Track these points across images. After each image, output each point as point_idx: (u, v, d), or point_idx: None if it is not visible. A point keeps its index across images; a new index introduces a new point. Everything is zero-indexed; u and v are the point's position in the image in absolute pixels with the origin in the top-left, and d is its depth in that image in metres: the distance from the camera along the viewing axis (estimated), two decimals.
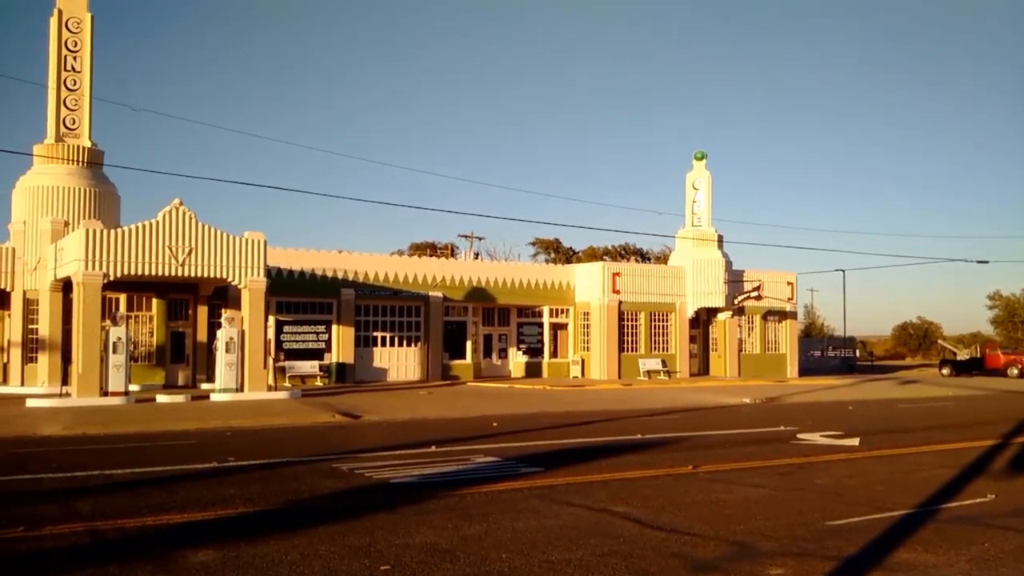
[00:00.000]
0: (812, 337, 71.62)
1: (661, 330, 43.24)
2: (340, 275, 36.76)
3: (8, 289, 30.22)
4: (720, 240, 44.72)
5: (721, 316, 45.04)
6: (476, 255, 63.38)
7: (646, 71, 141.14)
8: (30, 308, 30.04)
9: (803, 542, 8.56)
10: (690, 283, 43.61)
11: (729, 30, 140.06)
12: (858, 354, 63.48)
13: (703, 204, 45.00)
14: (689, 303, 43.66)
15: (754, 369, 45.44)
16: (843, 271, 61.83)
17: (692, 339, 44.97)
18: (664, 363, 42.44)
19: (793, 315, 48.65)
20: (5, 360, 31.46)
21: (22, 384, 29.55)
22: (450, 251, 70.53)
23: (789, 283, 47.29)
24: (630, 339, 42.26)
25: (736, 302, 44.35)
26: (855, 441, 17.39)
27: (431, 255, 65.88)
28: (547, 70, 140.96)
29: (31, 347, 30.02)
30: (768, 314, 46.80)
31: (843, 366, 56.91)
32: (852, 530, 9.11)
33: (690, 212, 45.29)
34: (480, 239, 65.91)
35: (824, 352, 58.69)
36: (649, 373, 41.62)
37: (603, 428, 20.07)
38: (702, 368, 45.60)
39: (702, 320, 45.49)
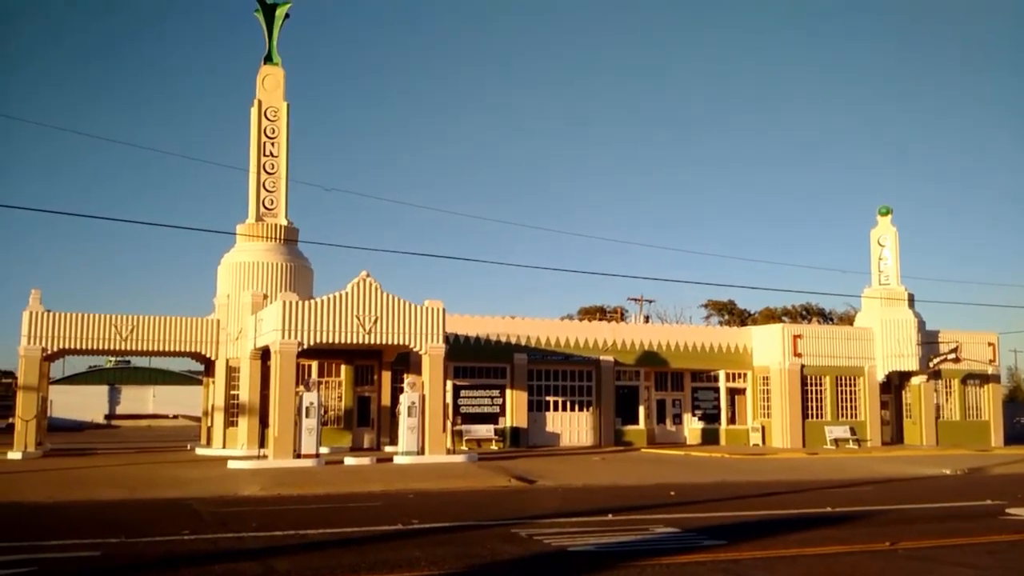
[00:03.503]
0: (1018, 402, 65.79)
1: (849, 395, 41.04)
2: (513, 340, 37.43)
3: (213, 358, 32.76)
4: (911, 299, 42.28)
5: (915, 380, 42.29)
6: (647, 318, 62.88)
7: (822, 122, 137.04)
8: (232, 375, 32.35)
9: None
10: (879, 345, 41.32)
11: (910, 77, 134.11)
12: None
13: (890, 261, 42.85)
14: (879, 366, 41.31)
15: (953, 437, 42.13)
16: None
17: (883, 405, 42.41)
18: (853, 431, 40.14)
19: (996, 378, 44.96)
20: (209, 424, 33.97)
21: (223, 446, 31.67)
22: (620, 315, 70.32)
23: (990, 344, 43.88)
24: (814, 405, 40.35)
25: (931, 365, 41.56)
26: None
27: (600, 319, 65.94)
28: (717, 127, 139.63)
29: (232, 411, 32.21)
30: (968, 377, 43.51)
31: None
32: None
33: (876, 270, 43.20)
34: (650, 302, 65.38)
35: None
36: (837, 441, 39.45)
37: (788, 500, 19.17)
38: (895, 436, 42.79)
39: (894, 385, 42.87)
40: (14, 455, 29.05)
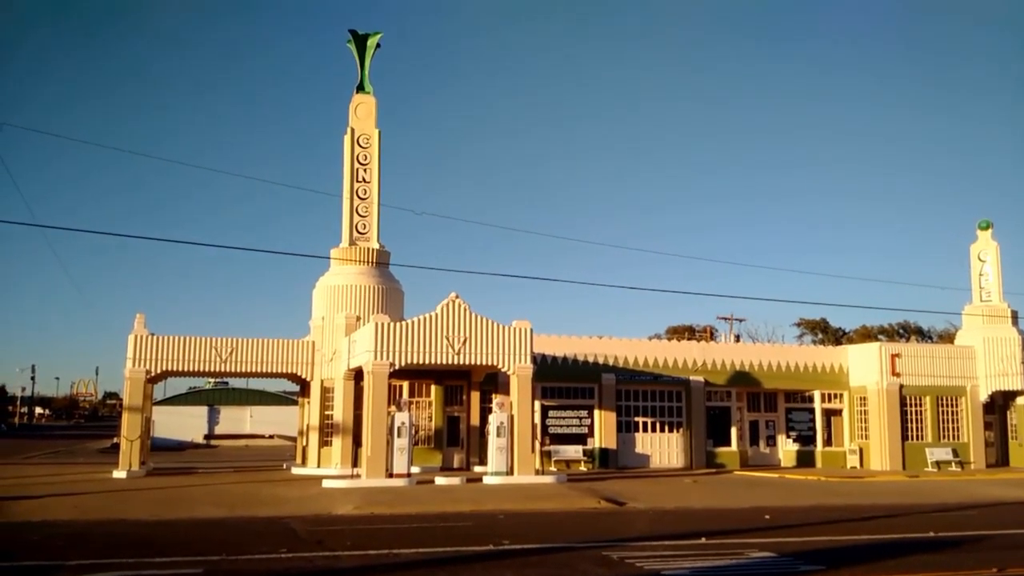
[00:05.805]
0: None
1: (950, 416, 39.43)
2: (600, 360, 37.24)
3: (308, 379, 33.59)
4: (1014, 316, 40.44)
5: (1020, 400, 40.37)
6: (737, 337, 61.73)
7: (921, 134, 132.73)
8: (326, 396, 33.07)
9: None
10: (982, 364, 39.65)
11: (1006, 86, 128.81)
12: None
13: (992, 277, 41.15)
14: (982, 386, 39.60)
15: None
16: None
17: (987, 426, 40.56)
18: (955, 452, 38.51)
19: None
20: (304, 443, 34.77)
21: (318, 465, 32.33)
22: (709, 334, 69.31)
23: None
24: (914, 426, 38.88)
25: None
26: None
27: (689, 338, 65.05)
28: (812, 143, 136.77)
29: (326, 431, 32.88)
30: None
31: None
32: None
33: (977, 286, 41.52)
34: (740, 321, 64.22)
35: None
36: (938, 464, 37.92)
37: (888, 524, 18.54)
38: (1000, 458, 40.86)
39: (998, 405, 41.00)
40: (119, 474, 30.25)
